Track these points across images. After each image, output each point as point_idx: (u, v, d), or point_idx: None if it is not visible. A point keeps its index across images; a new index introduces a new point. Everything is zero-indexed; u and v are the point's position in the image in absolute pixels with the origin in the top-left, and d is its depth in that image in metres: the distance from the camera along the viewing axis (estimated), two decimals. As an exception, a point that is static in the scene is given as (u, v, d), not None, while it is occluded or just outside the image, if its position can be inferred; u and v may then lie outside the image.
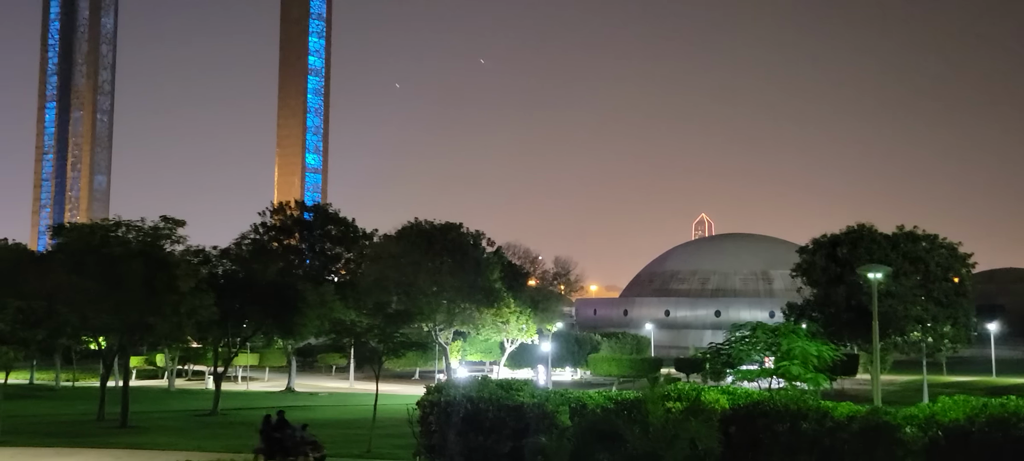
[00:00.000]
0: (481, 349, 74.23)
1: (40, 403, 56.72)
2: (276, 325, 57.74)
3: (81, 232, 49.29)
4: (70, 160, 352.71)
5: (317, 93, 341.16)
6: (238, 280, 55.43)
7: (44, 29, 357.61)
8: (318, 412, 51.17)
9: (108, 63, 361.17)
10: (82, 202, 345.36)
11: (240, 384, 77.15)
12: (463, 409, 21.33)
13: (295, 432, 26.31)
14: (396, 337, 42.31)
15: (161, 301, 42.91)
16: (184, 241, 47.05)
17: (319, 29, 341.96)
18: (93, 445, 29.98)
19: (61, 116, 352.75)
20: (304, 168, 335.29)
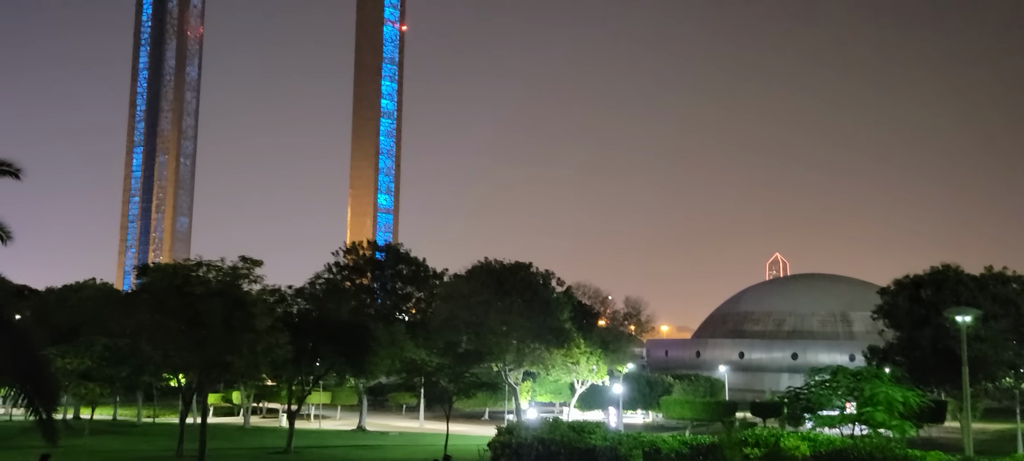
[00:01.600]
0: (551, 390, 73.59)
1: (122, 438, 58.31)
2: (348, 364, 58.40)
3: (164, 272, 50.86)
4: (155, 202, 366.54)
5: (389, 135, 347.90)
6: (312, 319, 56.35)
7: (133, 78, 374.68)
8: (389, 452, 51.34)
9: (192, 110, 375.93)
10: (165, 243, 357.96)
11: (313, 422, 78.09)
12: (535, 451, 21.11)
13: None
14: (466, 377, 42.37)
15: (238, 339, 43.81)
16: (261, 280, 48.06)
17: (391, 73, 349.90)
18: (172, 481, 30.59)
19: (147, 160, 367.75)
20: (376, 209, 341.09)
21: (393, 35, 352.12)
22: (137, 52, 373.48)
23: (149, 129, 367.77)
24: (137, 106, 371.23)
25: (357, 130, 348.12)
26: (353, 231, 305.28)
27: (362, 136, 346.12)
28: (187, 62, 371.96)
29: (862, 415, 38.71)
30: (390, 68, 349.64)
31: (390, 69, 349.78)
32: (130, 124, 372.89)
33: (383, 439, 62.61)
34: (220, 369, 47.06)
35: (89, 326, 57.97)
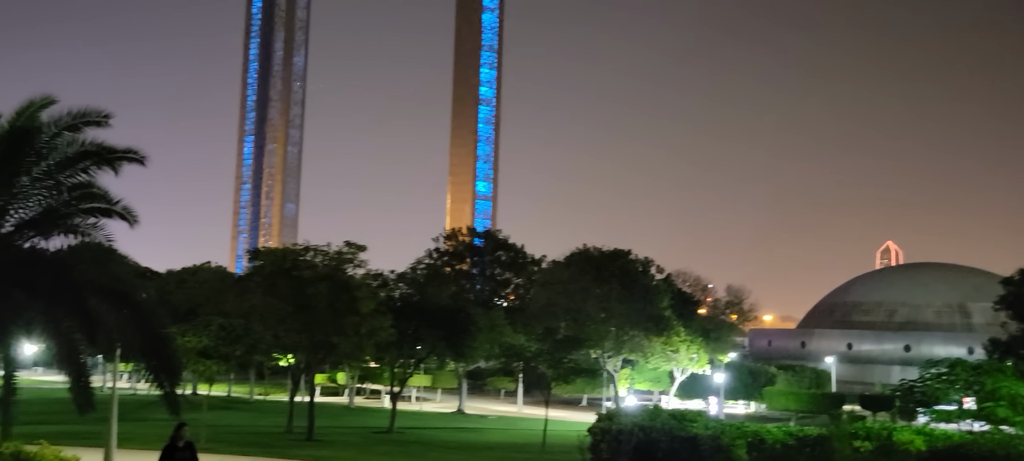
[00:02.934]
0: (650, 378, 72.91)
1: (237, 414, 61.10)
2: (448, 347, 59.39)
3: (274, 256, 52.82)
4: (264, 189, 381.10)
5: (488, 122, 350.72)
6: (413, 303, 57.53)
7: (244, 69, 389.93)
8: (488, 435, 52.00)
9: (298, 99, 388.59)
10: (274, 228, 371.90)
11: (414, 404, 79.85)
12: (635, 438, 20.96)
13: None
14: (565, 363, 42.43)
15: (344, 322, 45.14)
16: (365, 265, 49.32)
17: (490, 60, 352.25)
18: (283, 456, 31.93)
19: (257, 148, 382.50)
20: (475, 195, 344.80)
21: (492, 22, 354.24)
22: (247, 44, 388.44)
23: (259, 118, 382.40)
24: (247, 96, 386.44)
25: (456, 117, 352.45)
26: (452, 217, 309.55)
27: (461, 123, 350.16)
28: (294, 52, 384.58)
29: (982, 410, 36.83)
30: (489, 55, 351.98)
31: (489, 56, 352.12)
32: (241, 114, 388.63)
33: (482, 422, 63.46)
34: (326, 350, 48.58)
35: (205, 307, 60.95)
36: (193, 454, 15.10)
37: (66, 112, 17.47)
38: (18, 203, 17.41)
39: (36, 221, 17.43)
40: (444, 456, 36.13)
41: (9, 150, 16.57)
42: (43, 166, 17.48)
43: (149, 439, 34.90)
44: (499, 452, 39.85)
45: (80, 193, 17.84)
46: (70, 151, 17.59)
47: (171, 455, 14.89)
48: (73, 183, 17.86)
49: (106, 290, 17.58)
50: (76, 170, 17.72)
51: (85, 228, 17.59)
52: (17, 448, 16.87)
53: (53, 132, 17.39)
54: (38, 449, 17.67)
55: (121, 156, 17.74)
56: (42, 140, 17.25)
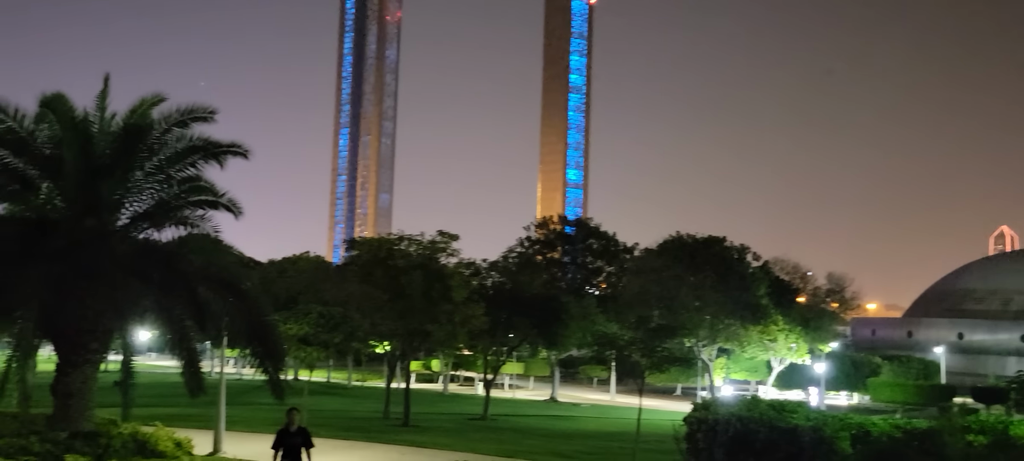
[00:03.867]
0: (746, 367, 71.34)
1: (336, 399, 62.85)
2: (540, 335, 59.51)
3: (370, 246, 53.96)
4: (359, 180, 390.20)
5: (578, 110, 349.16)
6: (505, 292, 57.84)
7: (339, 64, 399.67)
8: (581, 423, 51.90)
9: (391, 91, 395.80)
10: (369, 218, 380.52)
11: (507, 391, 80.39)
12: (732, 428, 20.49)
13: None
14: (658, 351, 41.84)
15: (437, 310, 45.76)
16: (457, 254, 49.84)
17: (581, 48, 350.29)
18: (381, 441, 32.64)
19: (352, 141, 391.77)
20: (565, 183, 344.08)
21: (582, 9, 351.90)
22: (342, 39, 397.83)
23: (353, 111, 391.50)
24: (342, 90, 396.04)
25: (547, 106, 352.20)
26: (543, 206, 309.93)
27: (552, 112, 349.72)
28: (387, 46, 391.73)
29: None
30: (579, 42, 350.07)
31: (579, 43, 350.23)
32: (336, 107, 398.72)
33: (575, 410, 63.38)
34: (421, 337, 49.37)
35: (305, 295, 62.80)
36: (306, 439, 15.02)
37: (175, 109, 18.28)
38: (133, 197, 18.34)
39: (149, 213, 18.32)
40: (538, 443, 36.22)
41: (124, 147, 17.43)
42: (155, 161, 18.34)
43: (255, 422, 36.30)
44: (593, 440, 39.71)
45: (189, 186, 18.63)
46: (179, 146, 18.40)
47: (283, 439, 14.89)
48: (182, 177, 18.67)
49: (214, 279, 18.34)
50: (185, 164, 18.52)
51: (194, 220, 18.39)
52: (135, 429, 17.78)
53: (163, 128, 18.21)
54: (153, 430, 18.57)
55: (226, 150, 18.43)
56: (153, 136, 18.08)
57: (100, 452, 14.39)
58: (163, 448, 17.91)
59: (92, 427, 16.98)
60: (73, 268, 16.48)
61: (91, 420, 17.32)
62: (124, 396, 17.80)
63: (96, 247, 16.50)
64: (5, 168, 17.50)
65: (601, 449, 35.60)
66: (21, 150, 17.37)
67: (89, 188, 17.11)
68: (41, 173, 17.78)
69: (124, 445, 16.08)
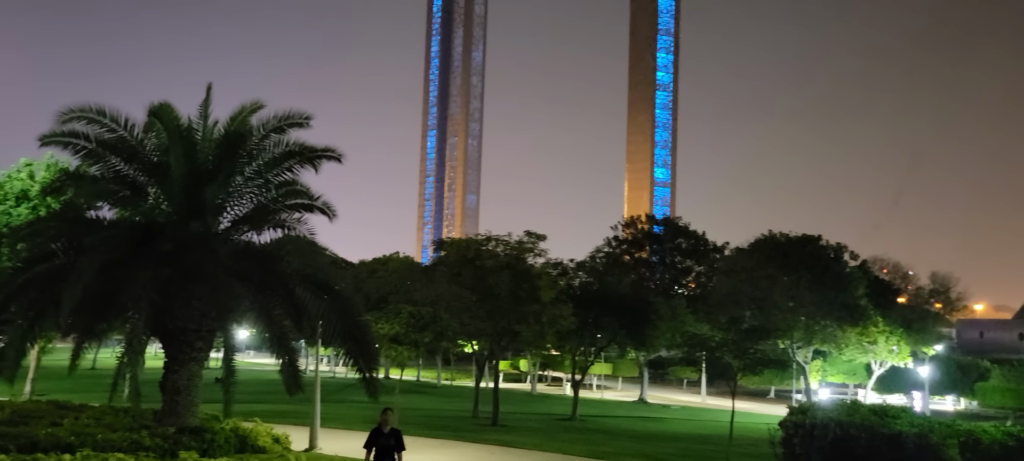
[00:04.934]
0: (844, 370, 68.98)
1: (426, 398, 63.80)
2: (629, 336, 58.92)
3: (458, 246, 54.49)
4: (446, 181, 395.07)
5: (665, 108, 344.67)
6: (593, 292, 57.52)
7: (426, 66, 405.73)
8: (671, 425, 51.20)
9: (478, 93, 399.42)
10: (456, 219, 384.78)
11: (595, 392, 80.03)
12: (831, 433, 19.84)
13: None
14: (751, 353, 40.85)
15: (525, 310, 45.84)
16: (545, 254, 49.80)
17: (667, 44, 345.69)
18: (471, 440, 32.93)
19: (439, 142, 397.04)
20: (653, 182, 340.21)
21: (668, 5, 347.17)
22: (429, 41, 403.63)
23: (440, 113, 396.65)
24: (429, 92, 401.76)
25: (633, 104, 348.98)
26: (630, 205, 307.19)
27: (638, 110, 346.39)
28: (473, 48, 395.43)
29: None
30: (665, 39, 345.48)
31: (665, 40, 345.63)
32: (424, 109, 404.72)
33: (664, 412, 62.58)
34: (509, 338, 49.57)
35: (395, 295, 63.94)
36: (399, 441, 14.58)
37: (272, 115, 18.86)
38: (233, 201, 19.03)
39: (249, 217, 18.97)
40: (628, 445, 35.88)
41: (225, 153, 18.10)
42: (254, 166, 18.98)
43: (348, 419, 37.16)
44: (684, 443, 39.10)
45: (285, 190, 19.19)
46: (276, 151, 18.98)
47: (376, 439, 14.56)
48: (279, 181, 19.24)
49: (310, 280, 18.84)
50: (282, 169, 19.09)
51: (290, 223, 18.93)
52: (235, 425, 18.39)
53: (261, 135, 18.82)
54: (253, 426, 19.18)
55: (321, 155, 18.91)
56: (252, 142, 18.70)
57: (205, 447, 14.98)
58: (262, 443, 18.46)
59: (198, 422, 17.69)
60: (179, 270, 17.22)
61: (197, 415, 18.05)
62: (226, 393, 18.44)
63: (200, 250, 17.19)
64: (117, 175, 18.44)
65: (692, 452, 35.02)
66: (132, 158, 18.26)
67: (193, 193, 17.84)
68: (149, 179, 18.64)
69: (227, 440, 16.69)
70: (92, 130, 17.79)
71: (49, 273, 17.18)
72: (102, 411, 18.87)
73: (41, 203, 33.65)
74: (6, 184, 35.45)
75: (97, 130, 17.83)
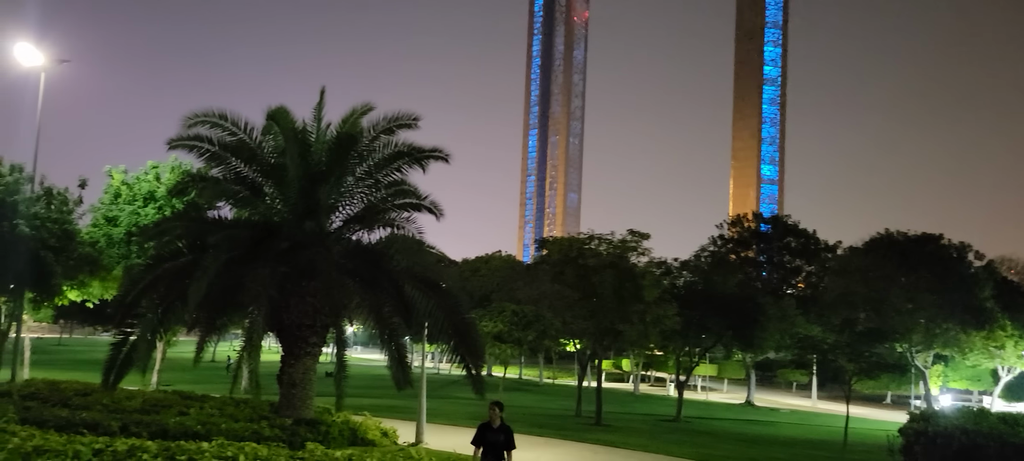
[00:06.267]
0: (968, 376, 65.38)
1: (528, 396, 64.14)
2: (735, 337, 57.65)
3: (560, 245, 54.55)
4: (548, 180, 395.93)
5: (773, 103, 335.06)
6: (698, 292, 56.53)
7: (527, 66, 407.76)
8: (780, 429, 49.79)
9: (579, 91, 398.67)
10: (558, 217, 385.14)
11: (699, 393, 78.66)
12: (956, 442, 18.82)
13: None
14: (867, 356, 39.24)
15: (628, 309, 45.48)
16: (648, 253, 49.26)
17: (775, 37, 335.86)
18: (574, 438, 32.88)
19: (541, 141, 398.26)
20: (759, 179, 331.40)
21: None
22: (530, 41, 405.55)
23: (542, 112, 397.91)
24: (531, 91, 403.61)
25: (739, 99, 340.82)
26: (736, 203, 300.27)
27: (744, 105, 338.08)
28: (574, 46, 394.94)
29: None
30: (773, 32, 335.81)
31: (773, 33, 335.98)
32: (525, 108, 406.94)
33: (773, 416, 60.92)
34: (612, 337, 49.28)
35: (497, 293, 64.64)
36: (509, 437, 13.77)
37: (382, 117, 19.35)
38: (345, 200, 19.64)
39: (359, 216, 19.53)
40: (735, 449, 35.06)
41: (337, 155, 18.68)
42: (364, 167, 19.53)
43: (453, 415, 37.75)
44: (795, 448, 37.90)
45: (394, 190, 19.65)
46: (386, 152, 19.46)
47: (484, 435, 13.80)
48: (388, 181, 19.73)
49: (417, 278, 19.22)
50: (391, 169, 19.56)
51: (399, 222, 19.36)
52: (346, 418, 18.92)
53: (372, 136, 19.34)
54: (362, 420, 19.68)
55: (429, 155, 19.27)
56: (363, 144, 19.24)
57: (321, 438, 15.49)
58: (371, 437, 18.90)
59: (313, 415, 18.32)
60: (295, 268, 17.87)
61: (312, 408, 18.70)
62: (338, 387, 18.99)
63: (314, 248, 17.78)
64: (237, 176, 19.30)
65: (804, 457, 33.90)
66: (251, 160, 19.08)
67: (308, 193, 18.49)
68: (266, 180, 19.43)
69: (341, 433, 17.21)
70: (214, 134, 18.67)
71: (176, 270, 18.14)
72: (223, 402, 19.78)
73: (167, 203, 35.61)
74: (135, 185, 37.65)
75: (219, 133, 18.70)
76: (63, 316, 76.74)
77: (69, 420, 14.51)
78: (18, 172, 34.32)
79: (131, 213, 36.77)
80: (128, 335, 18.11)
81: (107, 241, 36.45)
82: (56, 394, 19.62)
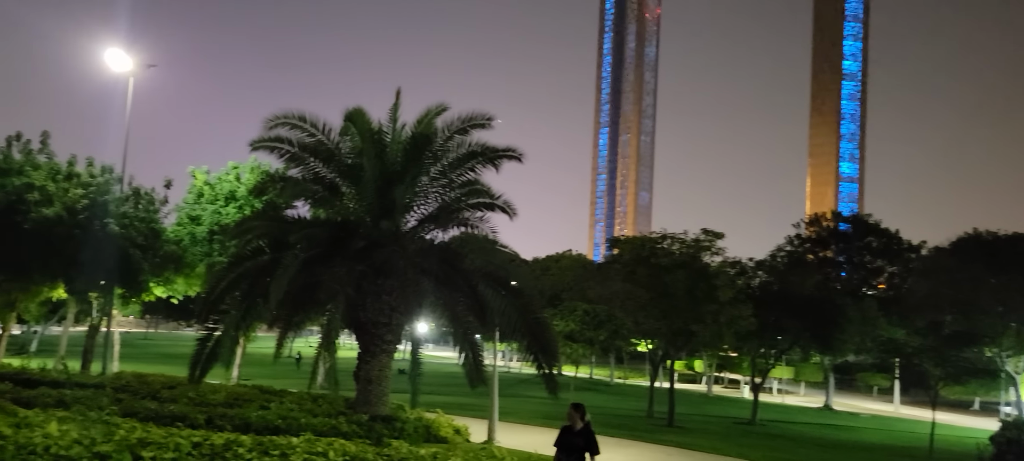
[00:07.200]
0: (1063, 382, 62.33)
1: (599, 396, 63.81)
2: (813, 339, 56.23)
3: (632, 244, 54.07)
4: (619, 178, 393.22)
5: (852, 98, 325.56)
6: (774, 292, 55.33)
7: (598, 63, 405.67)
8: (860, 434, 48.34)
9: (650, 89, 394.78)
10: (628, 216, 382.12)
11: (775, 396, 77.00)
12: (1053, 453, 17.97)
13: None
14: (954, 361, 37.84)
15: (702, 309, 44.81)
16: (722, 253, 48.43)
17: (855, 31, 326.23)
18: (647, 440, 32.52)
19: (611, 139, 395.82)
20: (838, 177, 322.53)
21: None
22: (601, 38, 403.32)
23: (613, 110, 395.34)
24: (602, 89, 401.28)
25: (816, 95, 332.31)
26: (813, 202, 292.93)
27: (822, 101, 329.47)
28: (646, 43, 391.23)
29: None
30: (853, 25, 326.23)
31: (853, 26, 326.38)
32: (596, 106, 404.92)
33: (853, 420, 59.20)
34: (685, 337, 48.64)
35: (568, 293, 64.48)
36: (590, 440, 13.02)
37: (456, 117, 19.47)
38: (419, 200, 19.84)
39: (434, 216, 19.71)
40: (814, 454, 34.18)
41: (412, 155, 18.88)
42: (438, 167, 19.69)
43: (524, 414, 37.81)
44: (877, 454, 36.73)
45: (468, 189, 19.76)
46: (460, 152, 19.58)
47: (566, 438, 13.17)
48: (462, 181, 19.84)
49: (490, 277, 19.30)
50: (464, 169, 19.67)
51: (473, 221, 19.47)
52: (419, 415, 19.13)
53: (446, 136, 19.48)
54: (435, 417, 19.87)
55: (502, 155, 19.30)
56: (437, 144, 19.40)
57: (396, 434, 15.69)
58: (444, 434, 19.07)
59: (388, 411, 18.58)
60: (371, 266, 18.14)
61: (388, 405, 18.97)
62: (413, 384, 19.21)
63: (390, 247, 18.01)
64: (315, 177, 19.70)
65: (887, 465, 32.84)
66: (328, 160, 19.44)
67: (384, 193, 18.73)
68: (344, 180, 19.77)
69: (416, 429, 17.40)
70: (294, 135, 19.08)
71: (257, 268, 18.61)
72: (300, 397, 20.22)
73: (247, 203, 36.60)
74: (217, 185, 38.82)
75: (298, 135, 19.11)
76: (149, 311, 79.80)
77: (158, 412, 15.05)
78: (108, 173, 35.80)
79: (213, 212, 37.89)
80: (213, 331, 18.66)
81: (191, 239, 37.66)
82: (145, 387, 20.38)
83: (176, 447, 8.21)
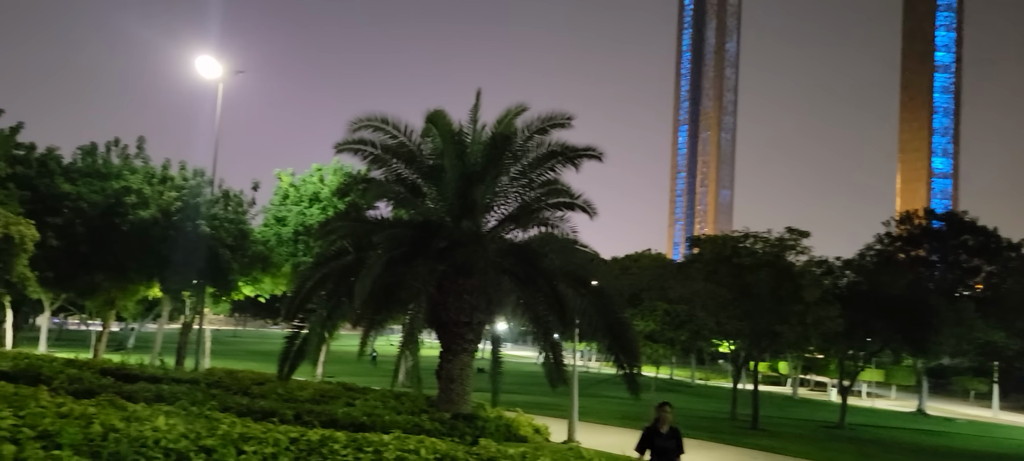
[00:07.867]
0: None
1: (680, 397, 63.00)
2: (905, 341, 54.20)
3: (714, 243, 53.16)
4: (699, 177, 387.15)
5: (946, 91, 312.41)
6: (863, 292, 53.56)
7: (677, 60, 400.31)
8: (956, 440, 46.37)
9: (731, 85, 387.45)
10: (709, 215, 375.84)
11: (864, 400, 74.61)
12: None
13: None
14: (1059, 366, 35.95)
15: (787, 310, 43.76)
16: (808, 252, 47.19)
17: (948, 21, 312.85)
18: (731, 443, 31.93)
19: (691, 137, 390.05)
20: (930, 173, 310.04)
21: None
22: (680, 34, 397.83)
23: (692, 107, 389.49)
24: (681, 86, 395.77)
25: (907, 88, 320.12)
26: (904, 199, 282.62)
27: (913, 94, 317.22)
28: (726, 39, 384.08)
29: None
30: (946, 15, 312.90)
31: (946, 16, 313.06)
32: (675, 103, 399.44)
33: (948, 426, 56.84)
34: (769, 338, 47.56)
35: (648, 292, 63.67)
36: (678, 442, 12.44)
37: (536, 117, 19.47)
38: (500, 200, 19.93)
39: (514, 216, 19.75)
40: (907, 460, 32.96)
41: (492, 155, 18.97)
42: (518, 167, 19.73)
43: (603, 414, 37.60)
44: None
45: (548, 189, 19.74)
46: (540, 152, 19.58)
47: (651, 440, 12.43)
48: (542, 181, 19.84)
49: (571, 277, 19.25)
50: (544, 169, 19.66)
51: (553, 221, 19.44)
52: (499, 414, 19.22)
53: (526, 136, 19.51)
54: (515, 416, 19.92)
55: (582, 154, 19.21)
56: (517, 144, 19.44)
57: (478, 433, 15.80)
58: (524, 433, 19.10)
59: (470, 410, 18.74)
60: (452, 266, 18.32)
61: (469, 403, 19.13)
62: (494, 383, 19.32)
63: (471, 247, 18.14)
64: (397, 178, 20.01)
65: (985, 473, 31.39)
66: (410, 161, 19.73)
67: (464, 194, 18.89)
68: (425, 181, 20.03)
69: (497, 428, 17.49)
70: (376, 137, 19.43)
71: (341, 268, 19.03)
72: (383, 394, 20.57)
73: (330, 204, 37.46)
74: (301, 187, 39.85)
75: (381, 137, 19.45)
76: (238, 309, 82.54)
77: (249, 407, 15.53)
78: (200, 176, 37.17)
79: (298, 213, 38.91)
80: (300, 329, 19.16)
81: (277, 240, 38.77)
82: (235, 383, 21.07)
83: (275, 442, 8.49)
